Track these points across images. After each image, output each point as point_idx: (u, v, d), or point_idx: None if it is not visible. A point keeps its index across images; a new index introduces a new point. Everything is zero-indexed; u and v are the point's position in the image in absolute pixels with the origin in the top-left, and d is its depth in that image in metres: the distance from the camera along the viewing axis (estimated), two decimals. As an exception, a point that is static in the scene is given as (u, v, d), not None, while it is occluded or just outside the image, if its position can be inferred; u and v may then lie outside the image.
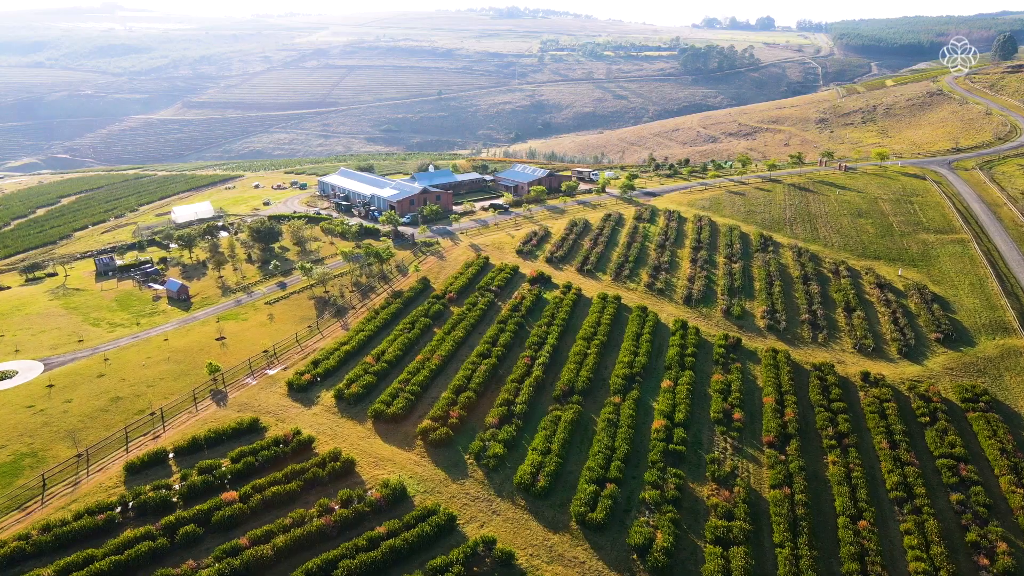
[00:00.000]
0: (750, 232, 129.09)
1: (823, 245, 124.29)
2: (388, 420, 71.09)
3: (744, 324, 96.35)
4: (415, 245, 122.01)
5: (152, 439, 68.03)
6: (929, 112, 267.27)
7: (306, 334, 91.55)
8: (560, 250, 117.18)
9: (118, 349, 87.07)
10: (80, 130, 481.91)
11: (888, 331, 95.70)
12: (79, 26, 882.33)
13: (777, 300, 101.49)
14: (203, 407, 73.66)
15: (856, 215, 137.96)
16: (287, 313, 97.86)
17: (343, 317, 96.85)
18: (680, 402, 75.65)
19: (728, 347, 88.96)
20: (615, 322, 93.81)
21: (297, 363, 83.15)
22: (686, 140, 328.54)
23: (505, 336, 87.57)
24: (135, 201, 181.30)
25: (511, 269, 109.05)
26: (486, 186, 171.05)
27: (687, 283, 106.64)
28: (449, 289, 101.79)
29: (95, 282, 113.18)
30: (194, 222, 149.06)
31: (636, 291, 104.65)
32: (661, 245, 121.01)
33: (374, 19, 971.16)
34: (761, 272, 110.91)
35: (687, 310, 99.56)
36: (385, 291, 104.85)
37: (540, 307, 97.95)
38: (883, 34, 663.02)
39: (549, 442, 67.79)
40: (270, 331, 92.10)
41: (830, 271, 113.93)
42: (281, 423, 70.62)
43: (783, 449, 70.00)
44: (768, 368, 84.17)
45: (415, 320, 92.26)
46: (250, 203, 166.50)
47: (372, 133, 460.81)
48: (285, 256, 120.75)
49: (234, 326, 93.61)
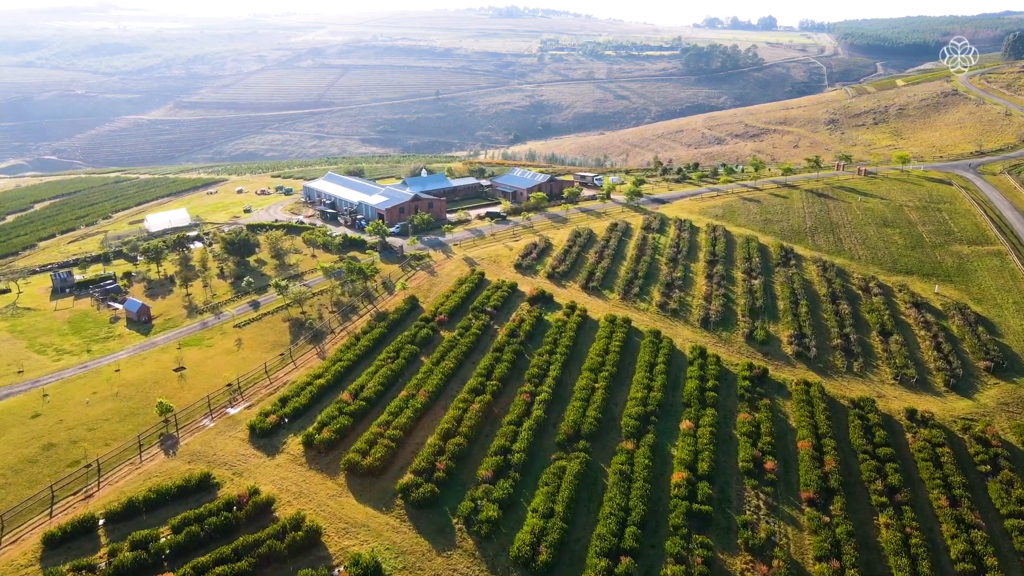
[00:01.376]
0: (769, 243, 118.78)
1: (849, 258, 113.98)
2: (364, 473, 60.87)
3: (769, 351, 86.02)
4: (404, 258, 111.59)
5: (83, 499, 57.68)
6: (944, 113, 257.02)
7: (277, 363, 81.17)
8: (563, 264, 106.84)
9: (61, 382, 76.67)
10: (69, 131, 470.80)
11: (931, 358, 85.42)
12: (73, 25, 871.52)
13: (804, 322, 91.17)
14: (149, 457, 63.33)
15: (882, 224, 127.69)
16: (258, 338, 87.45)
17: (320, 343, 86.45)
18: (703, 448, 65.49)
19: (754, 379, 78.70)
20: (625, 349, 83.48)
21: (263, 400, 72.81)
22: (691, 142, 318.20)
23: (501, 367, 77.27)
24: (110, 207, 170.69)
25: (509, 286, 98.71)
26: (483, 192, 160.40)
27: (703, 302, 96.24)
28: (440, 310, 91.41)
29: (50, 300, 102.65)
30: (168, 231, 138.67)
31: (647, 312, 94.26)
32: (673, 259, 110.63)
33: (372, 18, 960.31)
34: (784, 290, 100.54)
35: (705, 334, 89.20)
36: (369, 312, 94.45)
37: (541, 331, 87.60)
38: (888, 34, 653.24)
39: (552, 501, 57.71)
40: (236, 360, 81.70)
41: (859, 288, 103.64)
42: (238, 478, 60.28)
43: (826, 508, 60.02)
44: (801, 405, 73.95)
45: (400, 348, 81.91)
46: (230, 210, 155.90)
47: (368, 134, 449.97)
48: (261, 271, 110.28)
49: (196, 354, 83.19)
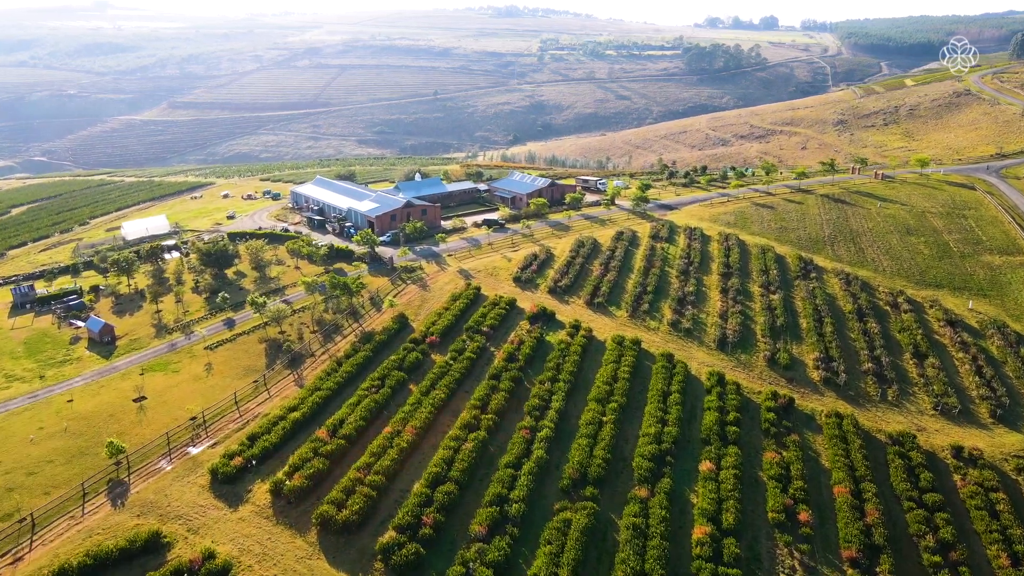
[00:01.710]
0: (786, 254, 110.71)
1: (873, 270, 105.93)
2: (339, 529, 52.89)
3: (794, 376, 77.95)
4: (394, 271, 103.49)
5: (10, 563, 49.64)
6: (957, 113, 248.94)
7: (249, 392, 73.09)
8: (565, 277, 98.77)
9: (6, 415, 68.63)
10: (61, 132, 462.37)
11: (972, 385, 77.39)
12: (68, 24, 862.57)
13: (831, 343, 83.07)
14: (93, 508, 55.26)
15: (905, 232, 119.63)
16: (230, 361, 79.34)
17: (298, 368, 78.35)
18: (727, 495, 57.50)
19: (779, 410, 70.68)
20: (635, 375, 75.43)
21: (230, 437, 64.76)
22: (695, 143, 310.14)
23: (498, 397, 69.24)
24: (88, 213, 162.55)
25: (507, 303, 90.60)
26: (480, 197, 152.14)
27: (719, 320, 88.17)
28: (431, 330, 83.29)
29: (7, 317, 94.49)
30: (146, 239, 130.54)
31: (658, 332, 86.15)
32: (684, 271, 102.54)
33: (370, 18, 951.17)
34: (806, 306, 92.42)
35: (722, 357, 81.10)
36: (354, 332, 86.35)
37: (542, 354, 79.52)
38: (892, 33, 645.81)
39: (555, 563, 49.95)
40: (204, 388, 73.62)
41: (887, 303, 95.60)
42: (193, 536, 52.22)
43: (871, 569, 52.34)
44: (834, 441, 65.94)
45: (386, 374, 73.84)
46: (213, 216, 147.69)
47: (364, 135, 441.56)
48: (240, 284, 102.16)
49: (161, 381, 75.11)
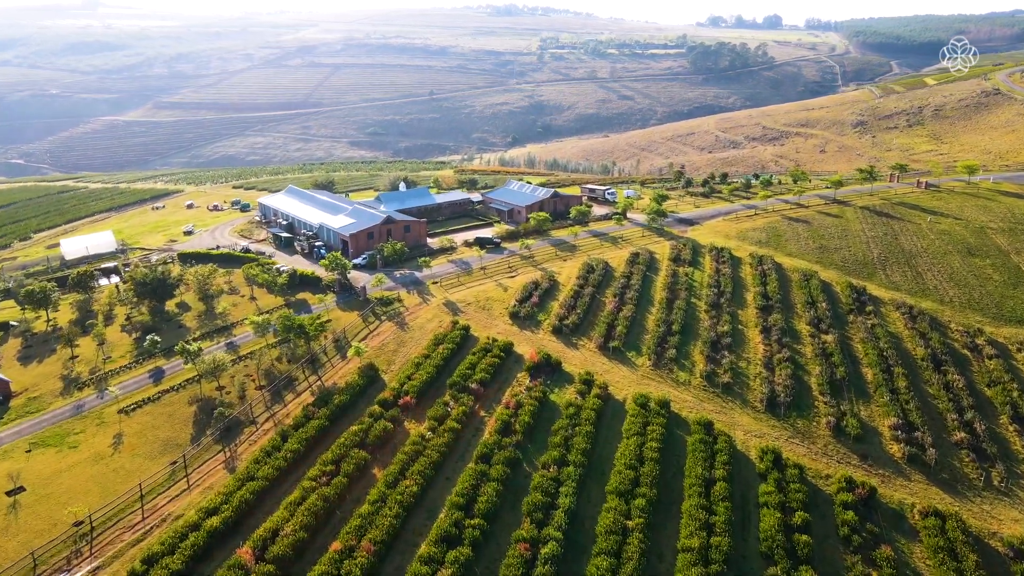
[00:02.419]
0: (832, 280, 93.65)
1: (938, 301, 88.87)
2: None
3: (869, 450, 60.85)
4: (367, 303, 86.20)
5: None
6: (988, 114, 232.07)
7: (162, 479, 55.93)
8: (572, 313, 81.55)
9: None
10: (41, 133, 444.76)
11: (1098, 463, 60.32)
12: (57, 23, 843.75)
13: (908, 404, 65.99)
14: None
15: (966, 253, 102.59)
16: (147, 432, 62.14)
17: (233, 441, 61.13)
18: (809, 656, 40.25)
19: (858, 505, 53.61)
20: (666, 452, 58.26)
21: (121, 556, 47.59)
22: (703, 145, 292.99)
23: (488, 491, 52.06)
24: (35, 225, 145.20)
25: (501, 348, 73.33)
26: (473, 210, 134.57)
27: (763, 371, 70.97)
28: (405, 388, 65.99)
29: None
30: (88, 259, 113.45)
31: (690, 387, 68.95)
32: (714, 304, 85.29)
33: (366, 16, 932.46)
34: (868, 350, 75.20)
35: (773, 423, 63.95)
36: (310, 388, 69.16)
37: (546, 421, 62.32)
38: (901, 32, 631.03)
39: None
40: (105, 474, 56.44)
41: (965, 346, 78.51)
42: None
43: None
44: (940, 556, 48.76)
45: (343, 454, 56.64)
46: (170, 231, 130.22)
47: (356, 137, 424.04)
48: (181, 320, 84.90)
49: (51, 462, 57.92)
